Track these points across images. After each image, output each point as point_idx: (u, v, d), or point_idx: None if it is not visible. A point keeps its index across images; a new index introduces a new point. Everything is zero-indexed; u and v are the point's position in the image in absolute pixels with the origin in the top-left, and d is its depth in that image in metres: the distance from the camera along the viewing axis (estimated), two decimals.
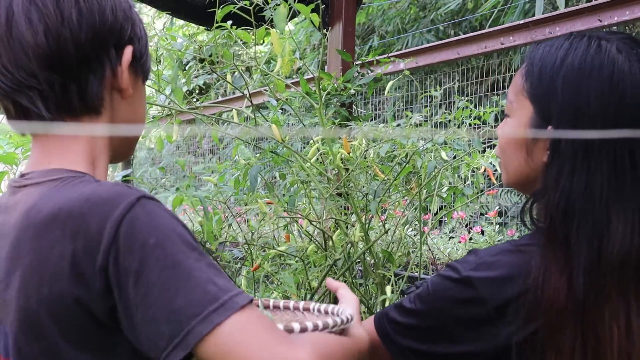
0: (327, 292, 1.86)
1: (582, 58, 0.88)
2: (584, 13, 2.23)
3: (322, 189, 1.68)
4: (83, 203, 0.72)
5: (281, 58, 1.57)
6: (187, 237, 0.72)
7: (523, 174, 0.96)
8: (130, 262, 0.69)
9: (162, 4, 2.38)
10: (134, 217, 0.70)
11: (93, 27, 0.79)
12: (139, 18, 0.86)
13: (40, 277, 0.72)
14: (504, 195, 3.67)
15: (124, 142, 0.90)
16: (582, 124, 0.87)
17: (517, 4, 4.44)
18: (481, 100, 3.62)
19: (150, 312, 0.68)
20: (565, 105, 0.88)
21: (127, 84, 0.83)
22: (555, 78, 0.89)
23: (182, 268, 0.69)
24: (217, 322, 0.67)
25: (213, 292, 0.68)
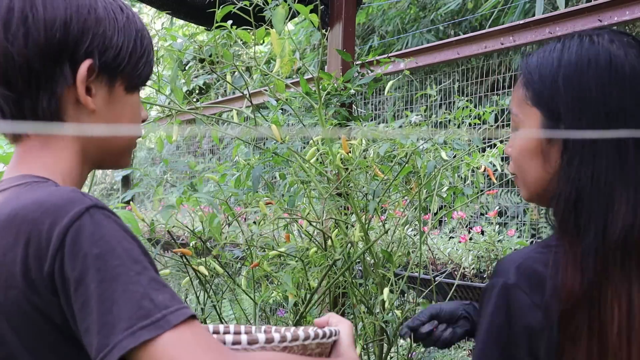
0: (327, 291, 1.86)
1: (577, 53, 0.91)
2: (584, 13, 2.23)
3: (322, 189, 1.68)
4: (36, 208, 0.72)
5: (280, 58, 1.57)
6: (131, 250, 0.72)
7: (544, 182, 0.97)
8: (72, 270, 0.69)
9: (162, 4, 2.39)
10: (81, 226, 0.70)
11: (39, 44, 0.77)
12: (111, 26, 0.83)
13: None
14: (504, 195, 3.67)
15: (104, 150, 0.88)
16: (588, 114, 0.89)
17: (517, 4, 4.44)
18: (481, 100, 3.62)
19: (86, 322, 0.69)
20: (569, 100, 0.90)
21: (84, 99, 0.81)
22: (557, 78, 0.91)
23: (119, 282, 0.69)
24: (146, 339, 0.67)
25: (146, 309, 0.68)
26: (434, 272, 2.44)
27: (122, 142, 0.90)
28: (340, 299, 1.96)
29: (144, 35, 0.88)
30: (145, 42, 0.88)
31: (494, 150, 1.79)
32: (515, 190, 3.64)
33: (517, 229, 3.37)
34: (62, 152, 0.84)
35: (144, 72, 0.88)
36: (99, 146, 0.87)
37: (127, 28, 0.85)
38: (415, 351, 2.16)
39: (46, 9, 0.78)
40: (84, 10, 0.80)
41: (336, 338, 0.86)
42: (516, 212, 3.62)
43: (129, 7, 0.88)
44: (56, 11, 0.78)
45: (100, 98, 0.83)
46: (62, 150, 0.84)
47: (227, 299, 2.43)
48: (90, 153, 0.87)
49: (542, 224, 3.29)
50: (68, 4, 0.79)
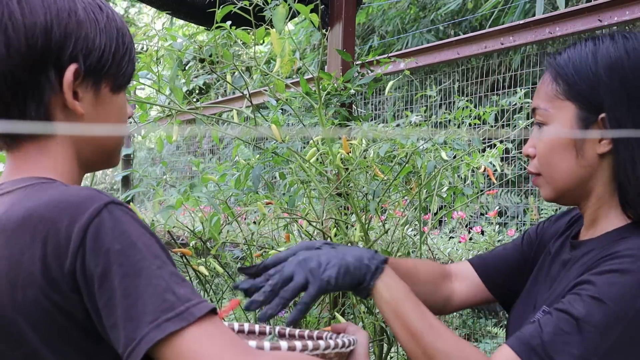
0: None
1: (614, 47, 0.95)
2: (584, 13, 2.23)
3: (322, 189, 1.68)
4: (53, 207, 0.73)
5: (280, 58, 1.57)
6: (152, 245, 0.72)
7: (576, 177, 0.98)
8: (95, 266, 0.70)
9: (162, 4, 2.38)
10: (101, 222, 0.71)
11: (21, 52, 0.77)
12: (93, 27, 0.81)
13: (13, 284, 0.73)
14: (504, 195, 3.67)
15: (97, 151, 0.88)
16: (634, 102, 0.93)
17: (518, 3, 4.44)
18: (481, 100, 3.62)
19: (112, 318, 0.69)
20: (614, 89, 0.93)
21: (72, 104, 0.81)
22: (595, 70, 0.94)
23: (142, 276, 0.69)
24: (171, 331, 0.67)
25: (170, 301, 0.69)
26: None
27: (112, 142, 0.90)
28: (340, 299, 1.96)
29: (124, 33, 0.86)
30: (127, 40, 0.87)
31: (494, 150, 1.79)
32: (516, 190, 3.64)
33: (517, 229, 3.37)
34: (59, 157, 0.84)
35: (127, 71, 0.88)
36: (92, 148, 0.87)
37: (108, 28, 0.84)
38: None
39: (25, 17, 0.77)
40: (64, 14, 0.79)
41: (354, 347, 0.87)
42: (516, 212, 3.62)
43: (107, 4, 0.86)
44: (35, 18, 0.77)
45: (87, 101, 0.83)
46: (58, 156, 0.84)
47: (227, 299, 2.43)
48: (84, 156, 0.87)
49: None
50: (47, 9, 0.78)
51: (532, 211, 3.30)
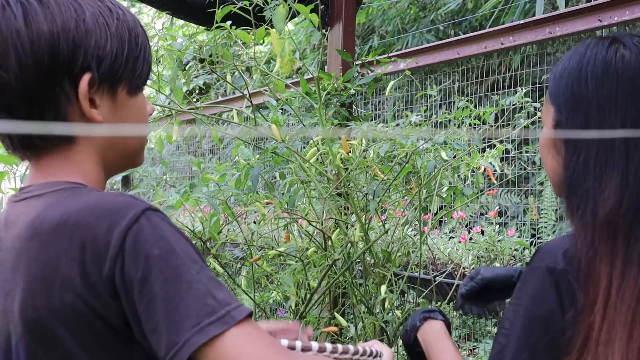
0: (327, 291, 1.86)
1: (581, 55, 0.99)
2: (584, 13, 2.23)
3: (322, 189, 1.68)
4: (89, 213, 0.73)
5: (280, 58, 1.57)
6: (189, 251, 0.73)
7: (557, 174, 1.03)
8: (135, 271, 0.70)
9: (162, 4, 2.38)
10: (140, 228, 0.72)
11: (31, 69, 0.76)
12: (103, 33, 0.80)
13: (49, 288, 0.73)
14: (504, 195, 3.67)
15: (121, 155, 0.88)
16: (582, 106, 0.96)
17: (518, 3, 4.44)
18: (481, 100, 3.62)
19: (153, 322, 0.70)
20: (569, 93, 0.98)
21: (89, 112, 0.80)
22: (563, 75, 0.99)
23: (183, 280, 0.70)
24: (214, 334, 0.68)
25: (211, 305, 0.70)
26: (434, 272, 2.44)
27: (136, 142, 0.90)
28: (340, 299, 1.96)
29: (137, 33, 0.85)
30: (140, 39, 0.86)
31: (494, 151, 1.79)
32: (516, 190, 3.64)
33: (517, 229, 3.37)
34: (83, 164, 0.84)
35: (143, 72, 0.87)
36: (117, 153, 0.87)
37: (120, 31, 0.83)
38: None
39: (31, 33, 0.76)
40: (71, 25, 0.78)
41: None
42: (516, 212, 3.62)
43: (117, 4, 0.85)
44: (40, 34, 0.76)
45: (105, 107, 0.83)
46: (82, 163, 0.83)
47: None
48: (109, 162, 0.87)
49: (542, 224, 3.29)
50: (52, 24, 0.77)
51: (532, 211, 3.30)
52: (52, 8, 0.78)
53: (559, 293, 0.90)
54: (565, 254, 0.92)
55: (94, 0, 0.82)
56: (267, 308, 2.42)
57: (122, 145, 0.88)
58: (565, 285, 0.90)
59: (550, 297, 0.91)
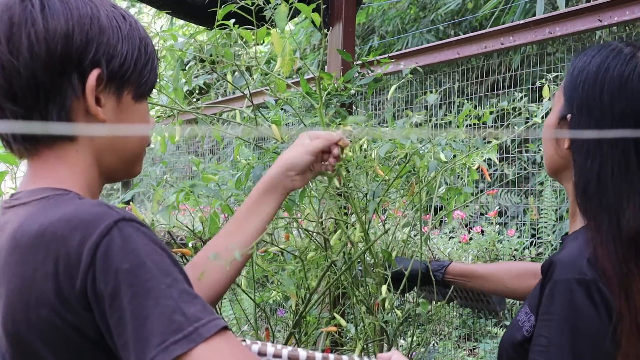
0: (327, 292, 1.86)
1: (602, 60, 1.01)
2: (584, 13, 2.24)
3: (322, 189, 1.68)
4: (64, 225, 0.73)
5: (281, 57, 1.57)
6: (162, 263, 0.72)
7: (554, 162, 1.08)
8: (105, 286, 0.70)
9: (162, 4, 2.38)
10: (110, 241, 0.71)
11: (42, 57, 0.77)
12: (115, 34, 0.82)
13: (26, 302, 0.73)
14: (504, 195, 3.67)
15: (117, 160, 0.88)
16: (594, 114, 0.99)
17: (518, 3, 4.44)
18: (481, 100, 3.62)
19: (123, 338, 0.70)
20: (583, 96, 1.00)
21: (95, 109, 0.81)
22: (581, 75, 1.01)
23: (151, 296, 0.69)
24: (178, 354, 0.67)
25: (178, 322, 0.68)
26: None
27: (135, 148, 0.90)
28: (340, 299, 1.96)
29: (147, 43, 0.87)
30: (149, 49, 0.87)
31: (490, 146, 1.78)
32: (516, 190, 3.64)
33: (517, 229, 3.37)
34: (78, 166, 0.83)
35: (150, 80, 0.88)
36: (114, 156, 0.87)
37: (131, 36, 0.84)
38: (415, 351, 2.16)
39: (47, 22, 0.78)
40: (86, 20, 0.80)
41: None
42: (516, 212, 3.62)
43: (131, 15, 0.87)
44: (57, 24, 0.78)
45: (109, 108, 0.83)
46: (77, 164, 0.83)
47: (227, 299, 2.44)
48: (106, 165, 0.86)
49: (542, 224, 3.29)
50: (69, 16, 0.79)
51: (532, 211, 3.31)
52: (70, 3, 0.80)
53: (593, 302, 0.90)
54: (590, 262, 0.92)
55: (109, 6, 0.84)
56: (267, 308, 2.42)
57: (121, 149, 0.88)
58: (597, 294, 0.90)
59: (585, 307, 0.90)
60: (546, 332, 0.93)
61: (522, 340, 1.00)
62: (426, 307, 1.86)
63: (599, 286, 0.91)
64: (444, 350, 3.23)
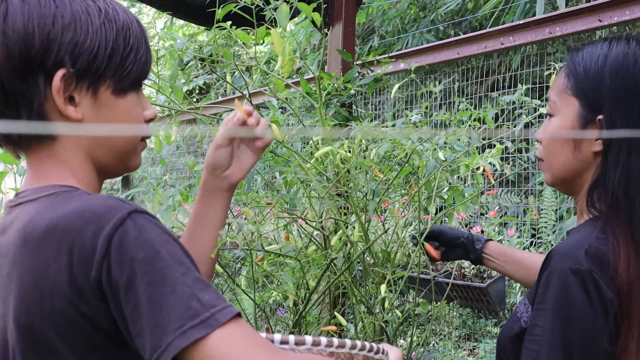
0: (327, 291, 1.86)
1: (624, 52, 0.98)
2: (584, 13, 2.23)
3: (321, 189, 1.68)
4: (77, 218, 0.73)
5: (281, 57, 1.57)
6: (176, 252, 0.73)
7: (571, 169, 1.03)
8: (121, 275, 0.71)
9: (162, 4, 2.38)
10: (125, 232, 0.72)
11: (4, 63, 0.77)
12: (83, 29, 0.79)
13: (40, 294, 0.73)
14: (504, 195, 3.67)
15: (109, 155, 0.87)
16: (633, 108, 0.96)
17: (518, 3, 4.44)
18: (481, 100, 3.62)
19: (138, 326, 0.70)
20: (614, 93, 0.97)
21: (64, 109, 0.80)
22: (602, 72, 0.98)
23: (167, 283, 0.70)
24: (196, 338, 0.68)
25: (195, 309, 0.70)
26: (433, 272, 2.44)
27: (123, 144, 0.88)
28: (340, 299, 1.96)
29: (128, 34, 0.84)
30: (131, 40, 0.84)
31: (493, 150, 1.79)
32: (516, 190, 3.64)
33: (517, 229, 3.37)
34: (71, 162, 0.84)
35: (131, 72, 0.85)
36: (104, 151, 0.86)
37: (105, 29, 0.81)
38: (415, 351, 2.16)
39: (6, 27, 0.76)
40: (47, 20, 0.77)
41: (384, 358, 0.87)
42: (516, 212, 3.62)
43: (112, 4, 0.84)
44: (15, 28, 0.76)
45: (85, 105, 0.82)
46: (69, 161, 0.83)
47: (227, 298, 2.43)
48: (98, 161, 0.86)
49: (542, 224, 3.29)
50: (27, 17, 0.77)
51: (532, 211, 3.30)
52: (31, 3, 0.78)
53: (587, 293, 0.90)
54: (587, 253, 0.92)
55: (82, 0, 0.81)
56: (267, 308, 2.42)
57: (109, 145, 0.86)
58: (592, 285, 0.90)
59: (578, 298, 0.90)
60: (540, 321, 0.93)
61: (520, 332, 1.00)
62: (426, 307, 1.86)
63: (595, 277, 0.90)
64: (444, 350, 3.23)
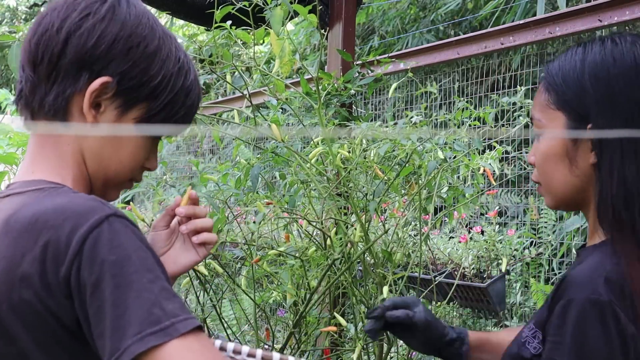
0: (327, 291, 1.86)
1: (601, 54, 0.92)
2: (584, 13, 2.23)
3: (322, 189, 1.68)
4: (58, 214, 0.75)
5: (279, 58, 1.57)
6: (146, 259, 0.74)
7: (571, 187, 0.96)
8: (89, 275, 0.72)
9: (162, 4, 2.38)
10: (100, 233, 0.73)
11: (79, 46, 0.81)
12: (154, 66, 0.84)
13: (11, 283, 0.75)
14: (504, 195, 3.67)
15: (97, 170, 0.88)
16: (619, 112, 0.90)
17: (518, 3, 4.44)
18: (481, 100, 3.62)
19: (100, 327, 0.71)
20: (599, 98, 0.91)
21: (87, 109, 0.83)
22: (581, 78, 0.92)
23: (133, 288, 0.71)
24: (153, 345, 0.69)
25: (156, 316, 0.70)
26: (434, 272, 2.44)
27: (115, 170, 0.89)
28: (340, 299, 1.96)
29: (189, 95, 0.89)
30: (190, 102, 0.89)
31: (493, 152, 1.79)
32: (516, 190, 3.64)
33: (517, 229, 3.37)
34: (68, 159, 0.85)
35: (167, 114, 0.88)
36: (94, 164, 0.87)
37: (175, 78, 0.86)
38: (415, 351, 2.16)
39: (111, 21, 0.82)
40: (136, 39, 0.83)
41: None
42: (516, 212, 3.62)
43: (191, 66, 0.90)
44: (113, 27, 0.82)
45: (106, 117, 0.84)
46: (67, 157, 0.85)
47: (227, 299, 2.44)
48: (88, 168, 0.87)
49: (542, 224, 3.29)
50: (125, 26, 0.83)
51: (532, 211, 3.31)
52: (133, 14, 0.84)
53: (605, 327, 0.84)
54: (607, 282, 0.85)
55: (171, 44, 0.87)
56: (267, 308, 2.42)
57: (105, 160, 0.87)
58: (612, 318, 0.84)
59: (596, 333, 0.84)
60: (558, 356, 0.87)
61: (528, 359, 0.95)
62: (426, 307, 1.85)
63: (615, 309, 0.84)
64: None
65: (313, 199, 1.80)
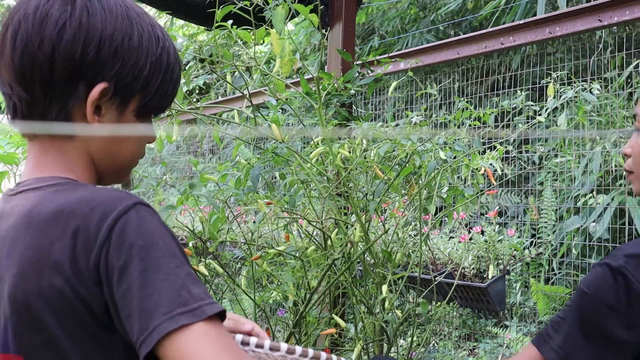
0: (327, 291, 1.86)
1: None
2: (584, 13, 2.24)
3: (322, 189, 1.68)
4: (84, 205, 0.77)
5: (280, 58, 1.57)
6: (172, 245, 0.77)
7: None
8: (117, 259, 0.74)
9: (162, 4, 2.39)
10: (128, 220, 0.75)
11: (67, 59, 0.80)
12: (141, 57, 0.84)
13: (40, 271, 0.77)
14: (504, 195, 3.67)
15: (110, 165, 0.90)
16: None
17: (519, 3, 4.44)
18: (481, 101, 3.62)
19: (128, 309, 0.73)
20: None
21: (91, 118, 0.83)
22: None
23: (161, 271, 0.74)
24: (183, 324, 0.71)
25: (184, 298, 0.73)
26: (433, 272, 2.44)
27: (125, 159, 0.92)
28: (340, 299, 1.96)
29: (175, 69, 0.90)
30: (175, 76, 0.90)
31: (494, 152, 1.79)
32: (516, 190, 3.64)
33: (517, 229, 3.37)
34: (77, 161, 0.87)
35: (161, 104, 0.90)
36: (107, 161, 0.90)
37: (161, 60, 0.87)
38: (415, 351, 2.16)
39: (90, 25, 0.81)
40: (119, 36, 0.82)
41: None
42: (516, 212, 3.62)
43: (167, 35, 0.90)
44: (94, 31, 0.81)
45: (108, 118, 0.86)
46: (76, 160, 0.87)
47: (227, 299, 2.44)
48: (99, 167, 0.89)
49: (542, 224, 3.29)
50: (105, 26, 0.82)
51: (532, 211, 3.31)
52: (110, 12, 0.83)
53: (616, 284, 0.96)
54: (628, 255, 0.97)
55: (147, 24, 0.87)
56: (267, 308, 2.42)
57: (113, 156, 0.90)
58: (621, 279, 0.96)
59: (607, 284, 0.97)
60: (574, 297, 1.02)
61: None
62: (426, 307, 1.86)
63: (624, 272, 0.96)
64: (444, 350, 3.23)
65: (313, 199, 1.80)
